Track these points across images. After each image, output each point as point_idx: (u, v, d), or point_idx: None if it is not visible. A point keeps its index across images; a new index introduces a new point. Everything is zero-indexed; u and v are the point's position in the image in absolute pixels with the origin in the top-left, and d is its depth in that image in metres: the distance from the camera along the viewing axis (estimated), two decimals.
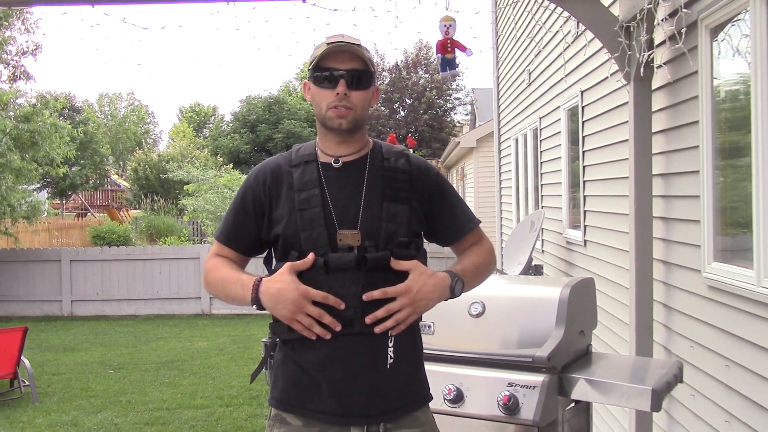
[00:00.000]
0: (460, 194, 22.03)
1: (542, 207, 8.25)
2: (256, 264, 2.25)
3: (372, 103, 2.20)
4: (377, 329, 2.02)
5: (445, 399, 2.79)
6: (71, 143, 16.65)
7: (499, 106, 12.21)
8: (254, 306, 2.04)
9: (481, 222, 2.32)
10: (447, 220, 2.24)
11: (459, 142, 18.52)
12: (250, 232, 2.19)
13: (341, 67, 2.09)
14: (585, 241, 6.15)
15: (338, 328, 2.00)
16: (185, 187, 20.16)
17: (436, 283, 2.07)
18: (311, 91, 2.16)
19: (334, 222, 2.08)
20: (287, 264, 2.03)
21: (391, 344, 2.07)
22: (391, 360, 2.08)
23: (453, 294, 2.12)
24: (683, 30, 3.53)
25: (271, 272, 2.15)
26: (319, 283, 2.04)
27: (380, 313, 2.01)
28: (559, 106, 7.15)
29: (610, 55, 4.31)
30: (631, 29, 4.09)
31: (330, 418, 2.08)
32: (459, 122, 36.21)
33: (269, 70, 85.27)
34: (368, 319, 2.01)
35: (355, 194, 2.12)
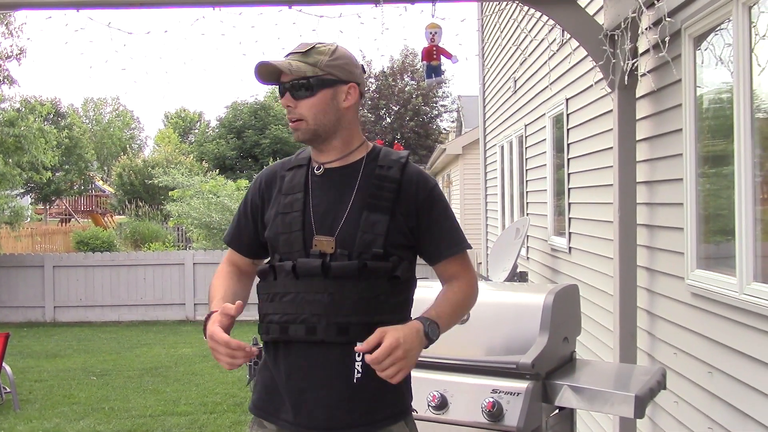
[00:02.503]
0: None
1: (527, 214, 8.28)
2: None
3: (342, 105, 2.10)
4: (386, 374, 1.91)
5: (429, 405, 2.79)
6: (56, 148, 16.57)
7: (485, 114, 12.25)
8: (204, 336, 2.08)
9: (471, 248, 2.21)
10: (429, 238, 2.14)
11: (445, 149, 18.56)
12: (250, 235, 2.23)
13: (284, 79, 2.11)
14: (570, 248, 6.17)
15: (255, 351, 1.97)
16: (170, 192, 20.06)
17: (409, 333, 1.94)
18: None
19: (312, 227, 2.07)
20: (224, 306, 2.03)
21: (359, 358, 2.01)
22: (359, 375, 2.02)
23: (429, 340, 2.00)
24: (667, 39, 3.55)
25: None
26: (288, 287, 2.06)
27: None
28: (544, 114, 7.18)
29: (594, 64, 4.34)
30: (616, 38, 4.12)
31: (294, 428, 2.07)
32: (445, 129, 36.31)
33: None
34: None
35: (338, 201, 2.10)
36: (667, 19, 3.51)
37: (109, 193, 37.51)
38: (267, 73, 2.11)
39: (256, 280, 2.25)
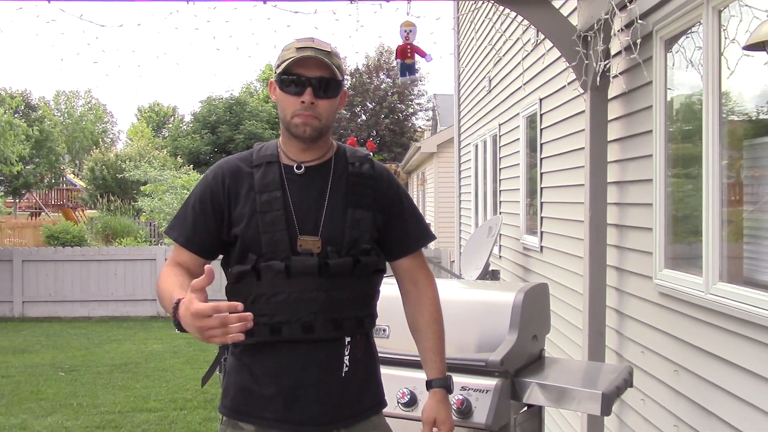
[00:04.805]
0: (420, 199, 22.11)
1: (500, 213, 8.32)
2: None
3: (339, 108, 2.16)
4: None
5: (398, 402, 2.79)
6: (26, 141, 16.35)
7: (459, 112, 12.28)
8: (177, 330, 1.84)
9: (435, 238, 2.31)
10: (398, 233, 2.20)
11: (420, 147, 18.59)
12: (210, 233, 2.12)
13: (308, 74, 2.04)
14: (541, 247, 6.22)
15: (250, 325, 1.72)
16: (142, 187, 19.89)
17: (449, 412, 2.24)
18: (277, 93, 2.10)
19: (295, 226, 2.06)
20: (192, 282, 1.76)
21: (347, 352, 2.08)
22: (347, 368, 2.08)
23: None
24: (638, 41, 3.59)
25: (228, 275, 2.13)
26: (277, 288, 2.03)
27: None
28: (518, 113, 7.22)
29: (568, 64, 4.37)
30: (589, 39, 4.15)
31: (283, 426, 2.07)
32: (420, 127, 36.39)
33: (229, 70, 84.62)
34: None
35: (317, 199, 2.10)
36: (639, 21, 3.54)
37: (81, 187, 37.05)
38: (307, 59, 2.03)
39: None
